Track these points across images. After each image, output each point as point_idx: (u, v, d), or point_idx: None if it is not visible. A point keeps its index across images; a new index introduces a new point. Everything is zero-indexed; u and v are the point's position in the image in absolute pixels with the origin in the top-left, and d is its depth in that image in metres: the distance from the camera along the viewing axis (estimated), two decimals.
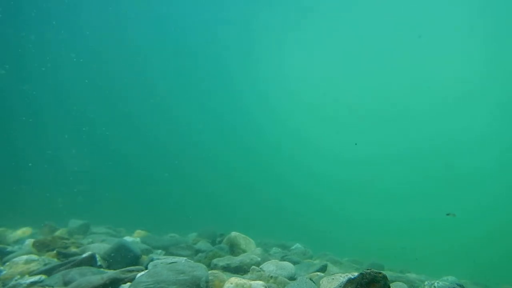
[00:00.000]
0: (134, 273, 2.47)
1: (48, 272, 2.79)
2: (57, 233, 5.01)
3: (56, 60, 18.21)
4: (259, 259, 3.37)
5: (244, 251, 4.03)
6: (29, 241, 3.92)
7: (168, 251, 4.39)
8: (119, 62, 20.95)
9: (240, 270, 3.09)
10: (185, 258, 3.37)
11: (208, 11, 21.72)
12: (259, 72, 24.86)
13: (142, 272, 2.41)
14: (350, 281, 1.59)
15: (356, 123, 26.31)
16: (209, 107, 24.90)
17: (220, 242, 4.50)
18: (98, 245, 3.82)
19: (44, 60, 17.68)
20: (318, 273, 3.32)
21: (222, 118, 25.46)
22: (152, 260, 3.16)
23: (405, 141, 25.72)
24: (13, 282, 2.59)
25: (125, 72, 21.34)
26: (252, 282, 2.25)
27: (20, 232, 5.10)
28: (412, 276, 4.14)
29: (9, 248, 3.75)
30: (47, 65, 17.39)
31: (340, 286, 1.97)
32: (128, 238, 4.64)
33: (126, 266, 2.89)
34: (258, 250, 4.17)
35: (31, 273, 2.80)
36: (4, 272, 2.84)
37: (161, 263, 2.86)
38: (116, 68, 20.96)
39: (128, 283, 2.32)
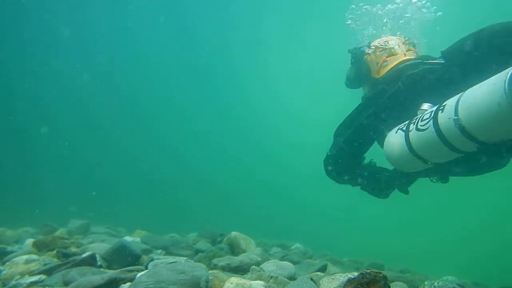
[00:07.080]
0: (134, 273, 2.47)
1: (48, 272, 2.78)
2: (57, 233, 5.00)
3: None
4: (259, 259, 3.37)
5: (244, 251, 4.02)
6: (29, 241, 3.91)
7: (168, 251, 4.38)
8: (128, 61, 21.03)
9: (240, 270, 3.08)
10: (185, 258, 3.36)
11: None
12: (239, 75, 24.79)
13: (142, 272, 2.41)
14: (350, 281, 1.59)
15: None
16: (216, 104, 24.83)
17: (220, 242, 4.49)
18: (98, 245, 3.81)
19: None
20: (318, 273, 3.31)
21: (228, 116, 25.46)
22: (152, 260, 3.16)
23: None
24: (13, 282, 2.59)
25: (133, 70, 21.42)
26: (252, 282, 2.25)
27: (20, 232, 5.10)
28: (412, 276, 4.14)
29: (9, 248, 3.74)
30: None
31: (340, 286, 1.97)
32: (128, 238, 4.64)
33: (126, 266, 2.88)
34: (258, 250, 4.16)
35: (31, 273, 2.79)
36: (4, 272, 2.84)
37: (161, 263, 2.86)
38: (125, 67, 21.04)
39: (128, 283, 2.32)
